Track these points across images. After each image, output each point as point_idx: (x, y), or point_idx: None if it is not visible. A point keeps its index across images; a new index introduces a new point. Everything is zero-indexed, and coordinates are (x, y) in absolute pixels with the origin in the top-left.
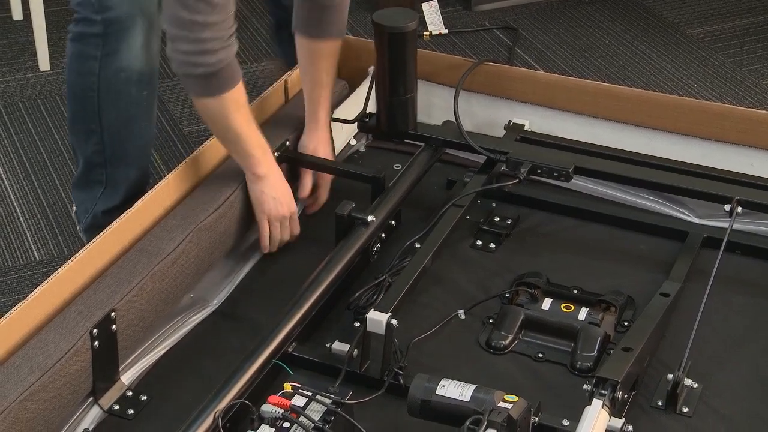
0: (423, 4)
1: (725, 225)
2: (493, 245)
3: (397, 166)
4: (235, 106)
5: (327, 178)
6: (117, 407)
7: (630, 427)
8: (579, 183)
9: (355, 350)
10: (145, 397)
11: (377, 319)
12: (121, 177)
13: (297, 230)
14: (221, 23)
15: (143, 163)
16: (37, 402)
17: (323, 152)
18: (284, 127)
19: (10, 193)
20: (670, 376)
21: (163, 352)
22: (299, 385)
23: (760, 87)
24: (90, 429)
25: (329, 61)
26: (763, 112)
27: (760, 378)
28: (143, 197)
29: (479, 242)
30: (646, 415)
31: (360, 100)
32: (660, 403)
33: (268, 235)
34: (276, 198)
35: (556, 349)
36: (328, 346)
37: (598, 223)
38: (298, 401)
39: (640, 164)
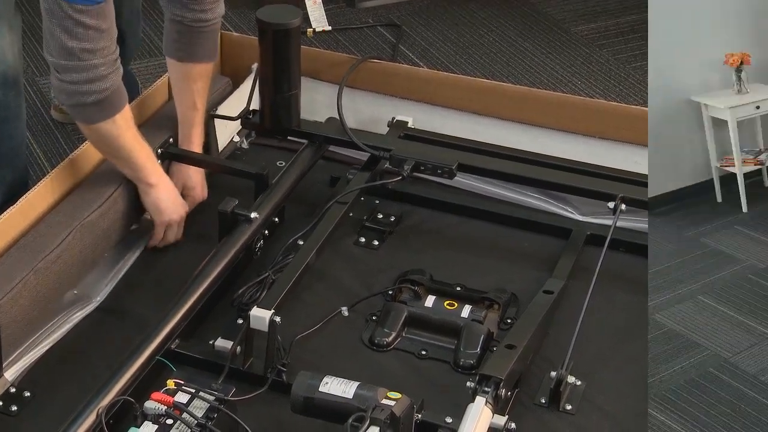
0: (306, 1)
1: (609, 222)
2: (376, 242)
3: (281, 163)
4: (126, 125)
5: (196, 197)
6: (0, 404)
7: (513, 425)
8: (463, 180)
9: (239, 347)
10: (28, 394)
11: (260, 315)
12: None
13: (181, 233)
14: (108, 47)
15: (18, 163)
16: None
17: (195, 174)
18: (167, 123)
19: None
20: (553, 374)
21: (46, 348)
22: (182, 382)
23: (644, 84)
24: None
25: (200, 83)
26: (646, 109)
27: (644, 375)
28: (26, 194)
29: (363, 239)
30: (530, 413)
31: (243, 97)
32: (543, 401)
33: (161, 238)
34: (173, 202)
35: (439, 347)
36: (211, 342)
37: (482, 220)
38: (182, 398)
39: (524, 161)
